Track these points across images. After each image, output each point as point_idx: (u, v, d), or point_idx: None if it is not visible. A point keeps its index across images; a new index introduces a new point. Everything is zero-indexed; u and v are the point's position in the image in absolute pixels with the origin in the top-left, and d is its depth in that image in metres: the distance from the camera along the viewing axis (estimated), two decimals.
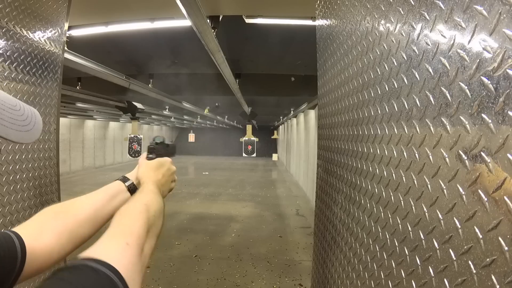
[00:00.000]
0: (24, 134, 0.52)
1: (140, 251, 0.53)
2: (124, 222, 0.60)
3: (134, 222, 0.59)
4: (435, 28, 0.58)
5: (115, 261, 0.45)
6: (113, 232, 0.56)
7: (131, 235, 0.55)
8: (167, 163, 0.93)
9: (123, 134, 18.91)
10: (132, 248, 0.52)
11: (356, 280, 0.96)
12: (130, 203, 0.69)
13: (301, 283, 4.00)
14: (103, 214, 0.76)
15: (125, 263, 0.47)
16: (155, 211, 0.67)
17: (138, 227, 0.58)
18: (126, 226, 0.58)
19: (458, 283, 0.49)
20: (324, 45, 1.48)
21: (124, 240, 0.53)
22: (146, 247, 0.57)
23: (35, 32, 1.45)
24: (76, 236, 0.70)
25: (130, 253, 0.51)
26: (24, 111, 0.53)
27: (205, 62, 4.06)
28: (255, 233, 5.94)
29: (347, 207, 1.08)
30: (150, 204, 0.68)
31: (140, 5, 2.53)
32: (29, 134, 0.53)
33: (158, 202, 0.73)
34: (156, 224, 0.66)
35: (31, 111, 0.55)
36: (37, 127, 0.56)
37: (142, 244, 0.55)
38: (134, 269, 0.49)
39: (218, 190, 10.52)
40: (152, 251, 0.61)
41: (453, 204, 0.52)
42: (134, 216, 0.62)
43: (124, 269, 0.45)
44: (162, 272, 4.20)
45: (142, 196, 0.73)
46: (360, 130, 0.97)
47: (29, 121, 0.54)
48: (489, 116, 0.45)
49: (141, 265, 0.52)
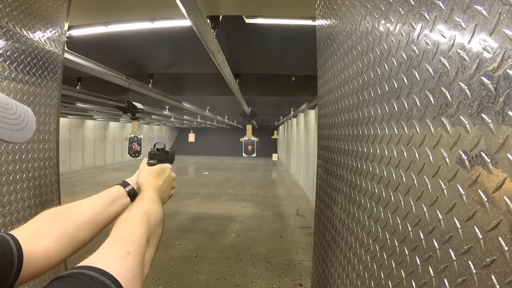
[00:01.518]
0: (16, 133, 0.51)
1: (141, 260, 0.53)
2: (124, 230, 0.59)
3: (135, 231, 0.59)
4: (435, 28, 0.58)
5: (114, 270, 0.45)
6: (113, 240, 0.56)
7: (132, 243, 0.54)
8: (167, 169, 0.93)
9: (123, 134, 18.92)
10: (132, 257, 0.51)
11: (356, 280, 0.96)
12: (131, 210, 0.68)
13: (301, 283, 4.00)
14: (103, 218, 0.76)
15: (124, 272, 0.47)
16: (155, 220, 0.67)
17: (139, 236, 0.58)
18: (127, 235, 0.58)
19: (458, 283, 0.49)
20: (324, 45, 1.48)
21: (125, 248, 0.52)
22: (146, 256, 0.56)
23: (35, 32, 1.45)
24: (75, 240, 0.69)
25: (130, 262, 0.50)
26: (16, 109, 0.52)
27: (205, 62, 4.06)
28: (255, 233, 5.94)
29: (347, 207, 1.08)
30: (150, 212, 0.68)
31: (140, 5, 2.53)
32: (21, 133, 0.52)
33: (158, 211, 0.73)
34: (156, 232, 0.65)
35: (23, 109, 0.54)
36: (30, 126, 0.54)
37: (143, 253, 0.55)
38: (134, 278, 0.48)
39: (218, 190, 10.52)
40: (153, 260, 0.61)
41: (453, 204, 0.52)
42: (135, 224, 0.61)
43: (123, 278, 0.45)
44: (162, 272, 4.20)
45: (143, 204, 0.73)
46: (360, 130, 0.97)
47: (22, 119, 0.52)
48: (489, 116, 0.45)
49: (142, 274, 0.52)
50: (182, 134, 29.51)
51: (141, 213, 0.66)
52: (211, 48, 3.02)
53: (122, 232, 0.59)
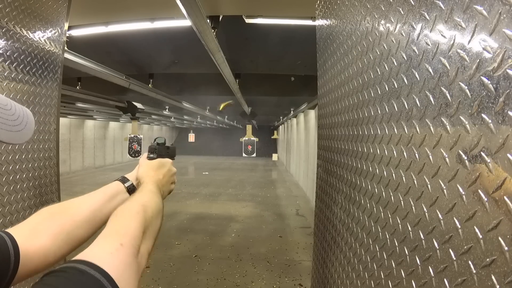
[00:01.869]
0: (15, 134, 0.51)
1: (136, 252, 0.52)
2: (119, 222, 0.59)
3: (130, 222, 0.58)
4: (435, 28, 0.58)
5: (105, 262, 0.44)
6: (107, 232, 0.55)
7: (125, 235, 0.54)
8: (168, 163, 0.92)
9: (123, 134, 18.91)
10: (126, 249, 0.50)
11: (356, 280, 0.96)
12: (127, 203, 0.67)
13: (301, 283, 4.00)
14: (102, 215, 0.75)
15: (116, 264, 0.46)
16: (152, 212, 0.66)
17: (133, 228, 0.57)
18: (121, 227, 0.57)
19: (458, 283, 0.49)
20: (324, 45, 1.48)
21: (118, 240, 0.51)
22: (142, 248, 0.55)
23: (35, 32, 1.45)
24: (73, 237, 0.69)
25: (123, 253, 0.49)
26: (15, 110, 0.52)
27: (205, 62, 4.06)
28: (255, 233, 5.94)
29: (347, 207, 1.08)
30: (147, 204, 0.67)
31: (140, 5, 2.53)
32: (20, 134, 0.52)
33: (156, 202, 0.72)
34: (154, 224, 0.64)
35: (23, 110, 0.54)
36: (29, 127, 0.54)
37: (138, 245, 0.54)
38: (128, 271, 0.48)
39: (218, 190, 10.52)
40: (150, 252, 0.60)
41: (453, 204, 0.52)
42: (130, 216, 0.61)
43: (115, 270, 0.44)
44: (162, 272, 4.20)
45: (140, 196, 0.72)
46: (360, 130, 0.97)
47: (21, 121, 0.52)
48: (489, 116, 0.45)
49: (137, 266, 0.51)
50: (182, 134, 29.51)
51: (137, 205, 0.65)
52: (211, 48, 3.02)
53: (116, 225, 0.58)
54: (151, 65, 5.48)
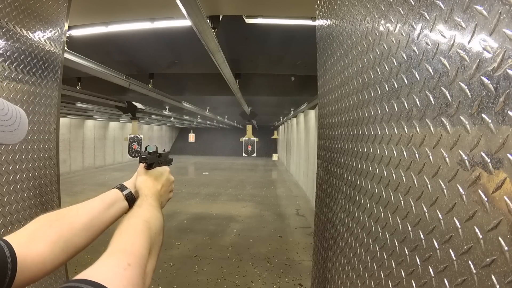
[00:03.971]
0: (7, 134, 0.49)
1: (143, 272, 0.51)
2: (125, 240, 0.57)
3: (135, 241, 0.57)
4: (435, 28, 0.58)
5: (113, 283, 0.43)
6: (114, 251, 0.54)
7: (132, 254, 0.52)
8: (166, 172, 0.91)
9: (123, 134, 18.92)
10: (133, 269, 0.49)
11: (356, 280, 0.96)
12: (131, 219, 0.66)
13: (301, 283, 4.00)
14: (100, 223, 0.74)
15: (124, 285, 0.45)
16: (156, 229, 0.65)
17: (139, 246, 0.56)
18: (127, 245, 0.55)
19: (458, 283, 0.49)
20: (324, 45, 1.48)
21: (125, 260, 0.50)
22: (148, 267, 0.54)
23: (35, 32, 1.45)
24: (71, 245, 0.67)
25: (131, 274, 0.48)
26: (8, 110, 0.51)
27: (205, 62, 4.06)
28: (255, 233, 5.94)
29: (347, 207, 1.08)
30: (151, 221, 0.66)
31: (140, 5, 2.53)
32: (13, 134, 0.51)
33: (158, 218, 0.71)
34: (157, 241, 0.64)
35: (16, 110, 0.53)
36: (22, 127, 0.53)
37: (145, 264, 0.53)
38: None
39: (218, 190, 10.52)
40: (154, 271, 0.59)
41: (453, 204, 0.52)
42: (136, 233, 0.60)
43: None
44: (162, 272, 4.20)
45: (142, 212, 0.71)
46: (360, 130, 0.97)
47: (13, 121, 0.51)
48: (489, 116, 0.45)
49: (143, 286, 0.50)
50: (182, 134, 29.52)
51: (141, 221, 0.65)
52: (211, 48, 3.02)
53: (122, 242, 0.57)
54: (151, 65, 5.48)
